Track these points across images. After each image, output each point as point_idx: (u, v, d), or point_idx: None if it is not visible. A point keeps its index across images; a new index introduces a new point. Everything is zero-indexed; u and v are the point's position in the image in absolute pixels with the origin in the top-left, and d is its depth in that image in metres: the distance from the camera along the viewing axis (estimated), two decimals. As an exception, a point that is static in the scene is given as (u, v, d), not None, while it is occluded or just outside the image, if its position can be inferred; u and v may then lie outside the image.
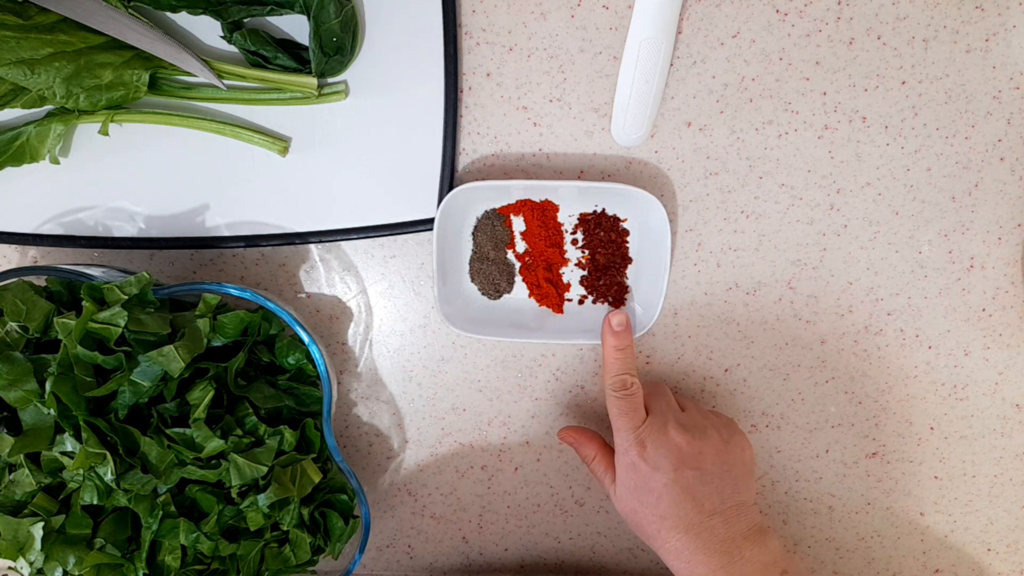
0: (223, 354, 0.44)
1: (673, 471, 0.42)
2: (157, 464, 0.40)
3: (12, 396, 0.40)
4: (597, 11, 0.46)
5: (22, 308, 0.41)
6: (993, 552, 0.55)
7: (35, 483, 0.41)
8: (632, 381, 0.45)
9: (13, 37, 0.41)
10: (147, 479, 0.40)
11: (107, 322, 0.39)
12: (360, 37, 0.46)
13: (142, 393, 0.40)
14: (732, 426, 0.46)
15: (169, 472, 0.41)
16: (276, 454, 0.42)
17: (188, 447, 0.41)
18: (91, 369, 0.40)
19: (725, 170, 0.49)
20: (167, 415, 0.41)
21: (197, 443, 0.41)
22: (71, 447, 0.40)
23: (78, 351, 0.39)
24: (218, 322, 0.43)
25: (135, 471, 0.40)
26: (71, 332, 0.39)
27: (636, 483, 0.43)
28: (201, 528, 0.41)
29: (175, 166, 0.47)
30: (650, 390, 0.47)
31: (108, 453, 0.39)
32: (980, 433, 0.53)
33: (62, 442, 0.40)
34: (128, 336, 0.40)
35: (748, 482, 0.44)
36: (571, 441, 0.48)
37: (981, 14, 0.46)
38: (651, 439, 0.43)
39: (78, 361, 0.39)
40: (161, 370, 0.39)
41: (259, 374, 0.46)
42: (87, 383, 0.39)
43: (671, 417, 0.44)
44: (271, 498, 0.41)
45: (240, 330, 0.43)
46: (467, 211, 0.49)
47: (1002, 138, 0.48)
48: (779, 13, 0.46)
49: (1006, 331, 0.51)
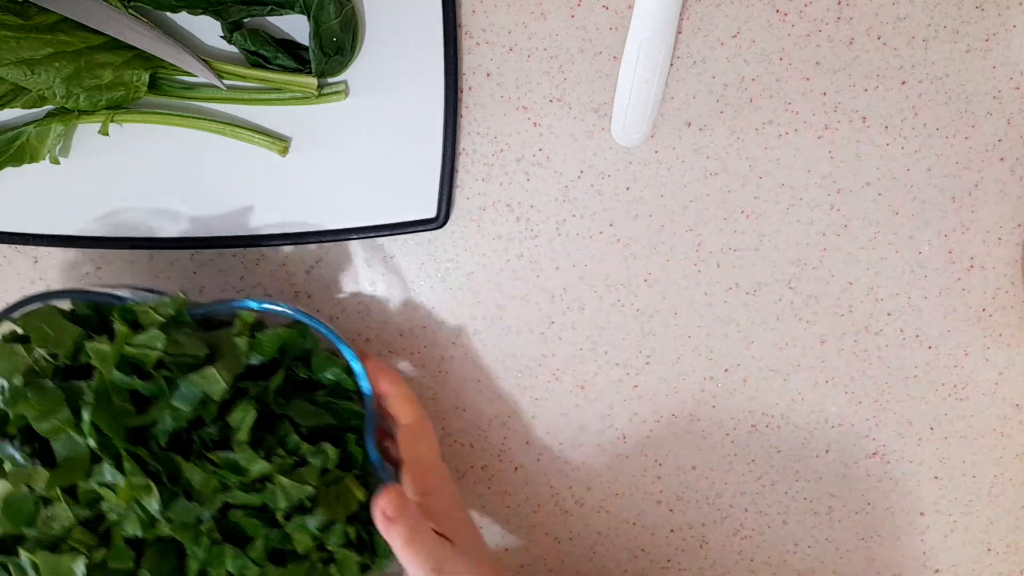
0: (259, 372, 0.43)
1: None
2: (201, 490, 0.39)
3: (44, 427, 0.38)
4: (597, 11, 0.46)
5: (50, 334, 0.40)
6: (993, 552, 0.55)
7: (73, 517, 0.39)
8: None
9: (13, 37, 0.41)
10: (192, 507, 0.39)
11: (144, 345, 0.38)
12: (360, 37, 0.46)
13: (182, 418, 0.39)
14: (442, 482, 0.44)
15: (213, 498, 0.39)
16: (320, 472, 0.41)
17: (232, 471, 0.39)
18: (127, 395, 0.39)
19: (725, 170, 0.49)
20: (208, 439, 0.40)
21: (241, 466, 0.39)
22: (110, 478, 0.38)
23: (115, 377, 0.38)
24: (256, 340, 0.41)
25: (179, 499, 0.39)
26: (106, 358, 0.38)
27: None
28: (248, 554, 0.40)
29: (175, 166, 0.47)
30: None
31: (152, 483, 0.37)
32: (980, 433, 0.53)
33: (100, 472, 0.38)
34: (166, 360, 0.39)
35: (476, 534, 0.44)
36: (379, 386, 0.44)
37: (981, 14, 0.46)
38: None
39: (114, 388, 0.38)
40: (202, 393, 0.38)
41: (296, 390, 0.44)
42: (125, 410, 0.38)
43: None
44: (321, 520, 0.40)
45: (278, 347, 0.42)
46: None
47: (1002, 138, 0.48)
48: (779, 13, 0.46)
49: (1006, 331, 0.51)
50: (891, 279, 0.50)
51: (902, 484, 0.54)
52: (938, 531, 0.55)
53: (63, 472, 0.38)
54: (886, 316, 0.51)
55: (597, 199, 0.49)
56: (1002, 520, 0.55)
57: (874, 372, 0.52)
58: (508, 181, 0.49)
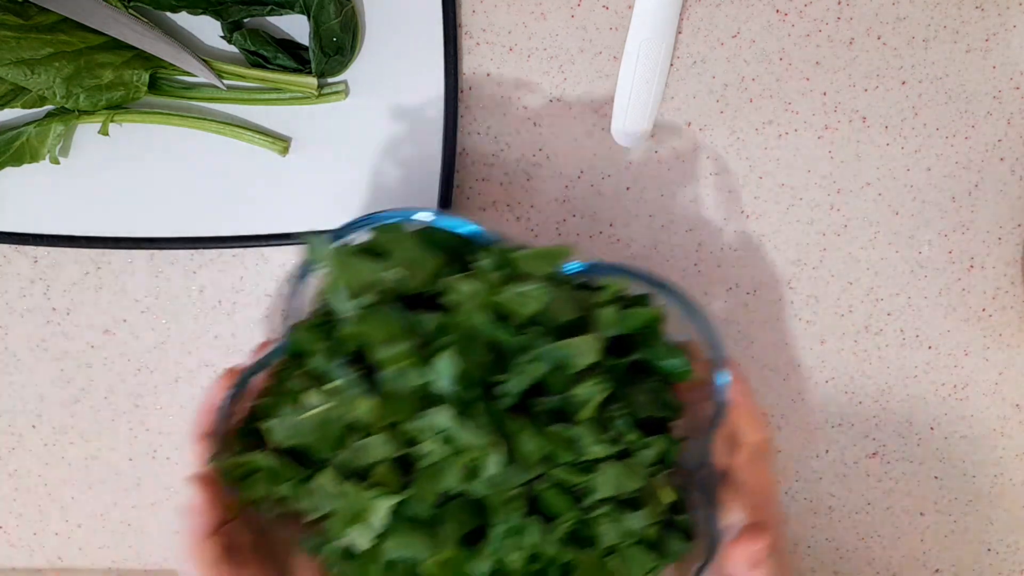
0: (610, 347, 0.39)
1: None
2: (528, 458, 0.35)
3: (384, 354, 0.35)
4: (597, 11, 0.46)
5: (410, 257, 0.36)
6: (993, 552, 0.55)
7: (388, 453, 0.35)
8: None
9: (13, 37, 0.41)
10: (520, 473, 0.35)
11: (524, 296, 0.35)
12: (360, 37, 0.46)
13: (535, 380, 0.35)
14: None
15: (533, 468, 0.36)
16: (647, 466, 0.37)
17: (567, 447, 0.35)
18: (485, 344, 0.35)
19: (725, 170, 0.49)
20: (549, 408, 0.36)
21: (580, 445, 0.35)
22: (445, 424, 0.34)
23: (482, 321, 0.35)
24: (626, 313, 0.37)
25: (511, 463, 0.35)
26: (477, 299, 0.35)
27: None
28: (553, 531, 0.36)
29: (175, 166, 0.47)
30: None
31: (496, 441, 0.34)
32: (980, 433, 0.53)
33: (430, 415, 0.34)
34: (540, 317, 0.35)
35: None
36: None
37: (981, 14, 0.46)
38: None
39: (476, 333, 0.35)
40: (563, 359, 0.35)
41: (636, 373, 0.40)
42: (484, 359, 0.35)
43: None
44: (648, 519, 0.36)
45: (643, 325, 0.38)
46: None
47: (1002, 138, 0.48)
48: (779, 13, 0.46)
49: (1006, 331, 0.51)
50: (891, 279, 0.50)
51: (902, 484, 0.54)
52: (938, 531, 0.55)
53: (392, 406, 0.35)
54: (886, 316, 0.51)
55: (597, 199, 0.49)
56: (1002, 520, 0.55)
57: (874, 372, 0.52)
58: (508, 181, 0.49)
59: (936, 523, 0.55)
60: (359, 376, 0.35)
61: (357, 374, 0.36)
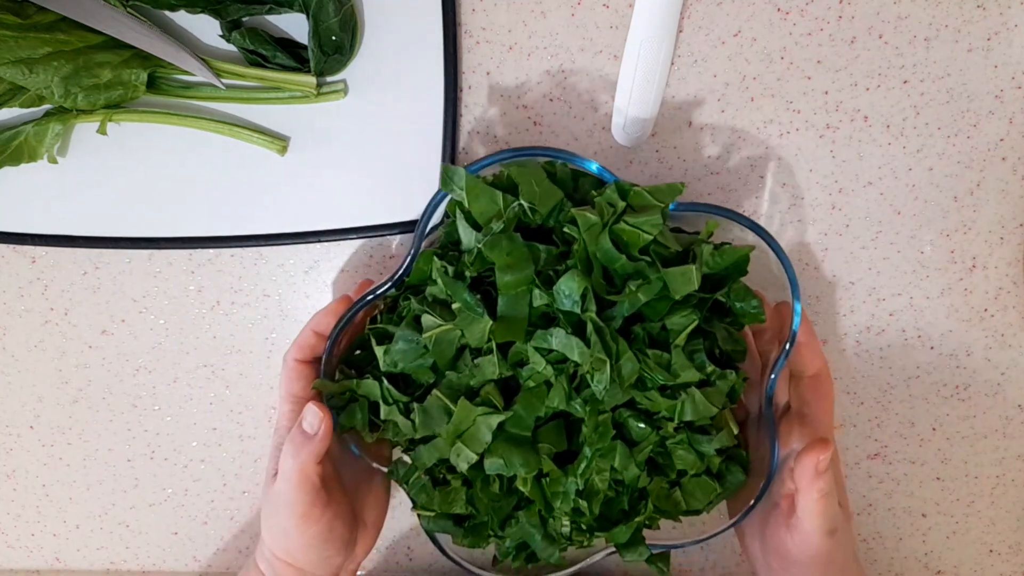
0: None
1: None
2: (626, 379, 0.38)
3: (507, 279, 0.38)
4: (597, 10, 0.46)
5: (536, 190, 0.39)
6: (995, 553, 0.55)
7: (497, 372, 0.39)
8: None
9: (11, 36, 0.41)
10: (618, 394, 0.38)
11: (640, 227, 0.38)
12: (359, 36, 0.46)
13: (637, 306, 0.38)
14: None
15: (627, 392, 0.39)
16: (725, 396, 0.40)
17: (662, 371, 0.39)
18: (601, 271, 0.39)
19: (725, 170, 0.48)
20: (646, 334, 0.39)
21: (674, 369, 0.39)
22: (558, 344, 0.38)
23: (603, 248, 0.38)
24: (719, 251, 0.40)
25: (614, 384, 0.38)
26: (596, 228, 0.38)
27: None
28: (635, 456, 0.39)
29: (173, 165, 0.47)
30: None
31: (610, 360, 0.37)
32: (982, 434, 0.53)
33: (543, 337, 0.38)
34: (651, 248, 0.38)
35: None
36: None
37: (983, 13, 0.46)
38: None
39: (595, 260, 0.38)
40: (666, 287, 0.38)
41: (714, 312, 0.43)
42: (600, 284, 0.38)
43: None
44: (721, 443, 0.40)
45: (732, 264, 0.41)
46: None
47: (1004, 137, 0.48)
48: (780, 12, 0.46)
49: (1008, 331, 0.51)
50: (893, 279, 0.50)
51: (904, 485, 0.54)
52: (940, 532, 0.55)
53: (507, 327, 0.38)
54: (888, 316, 0.51)
55: (597, 199, 0.49)
56: (1004, 521, 0.54)
57: (876, 372, 0.52)
58: (508, 181, 0.49)
59: (938, 524, 0.55)
60: (479, 299, 0.39)
61: (478, 296, 0.39)
